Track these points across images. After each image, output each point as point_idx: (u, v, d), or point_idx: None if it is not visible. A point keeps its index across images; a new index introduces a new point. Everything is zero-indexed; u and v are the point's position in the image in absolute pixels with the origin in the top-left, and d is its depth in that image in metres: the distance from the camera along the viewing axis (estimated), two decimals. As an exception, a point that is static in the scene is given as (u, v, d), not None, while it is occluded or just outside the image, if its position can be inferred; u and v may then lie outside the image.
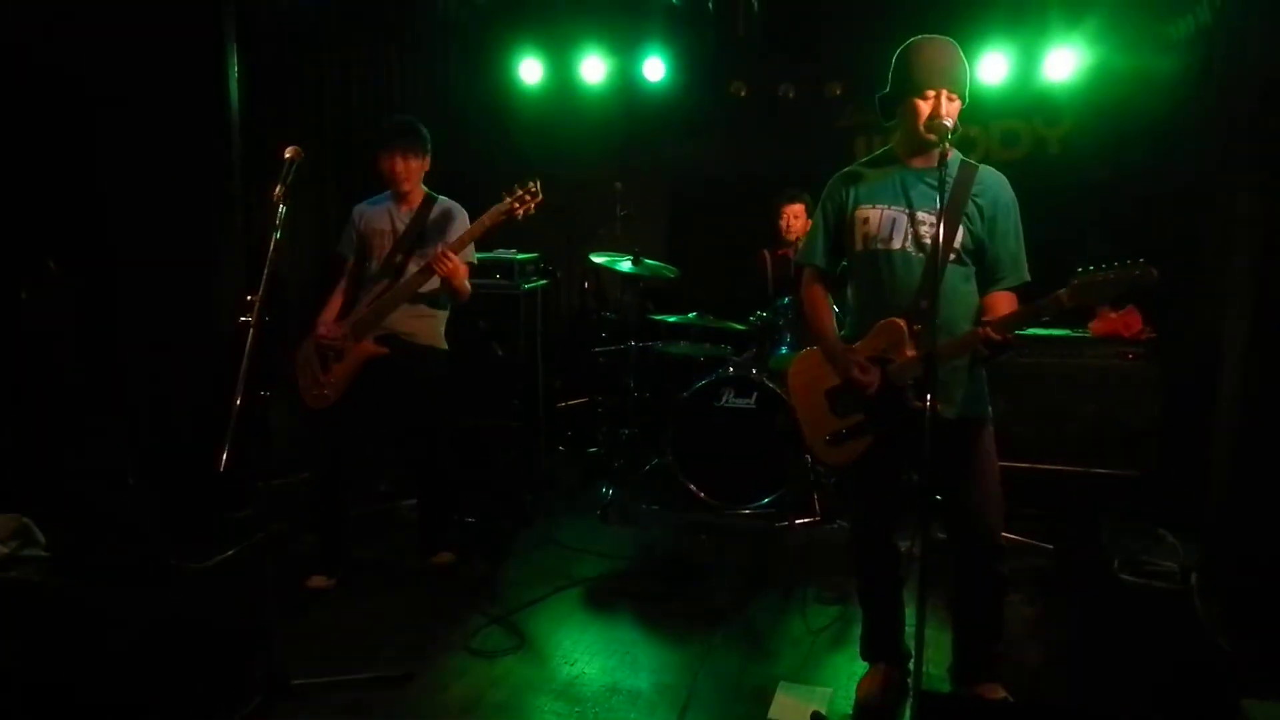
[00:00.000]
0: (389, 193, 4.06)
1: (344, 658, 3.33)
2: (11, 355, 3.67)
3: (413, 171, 3.99)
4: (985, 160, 2.93)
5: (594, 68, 6.09)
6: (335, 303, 4.04)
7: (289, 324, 4.66)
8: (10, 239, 3.65)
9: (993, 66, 5.36)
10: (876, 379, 2.80)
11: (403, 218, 4.02)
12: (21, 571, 3.27)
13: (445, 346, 4.08)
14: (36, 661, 2.45)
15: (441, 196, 4.08)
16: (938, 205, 2.61)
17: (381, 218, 4.03)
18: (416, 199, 4.06)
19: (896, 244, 2.80)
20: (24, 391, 3.70)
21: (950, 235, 2.76)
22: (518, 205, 3.75)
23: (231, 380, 2.71)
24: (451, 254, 3.77)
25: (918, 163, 2.82)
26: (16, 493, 3.51)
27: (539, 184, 3.75)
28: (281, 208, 2.95)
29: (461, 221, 4.02)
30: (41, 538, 3.42)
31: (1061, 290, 2.54)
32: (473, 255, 3.98)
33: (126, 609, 2.77)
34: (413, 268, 3.89)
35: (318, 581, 3.91)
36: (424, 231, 3.98)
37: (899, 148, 2.89)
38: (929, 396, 2.40)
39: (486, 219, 3.79)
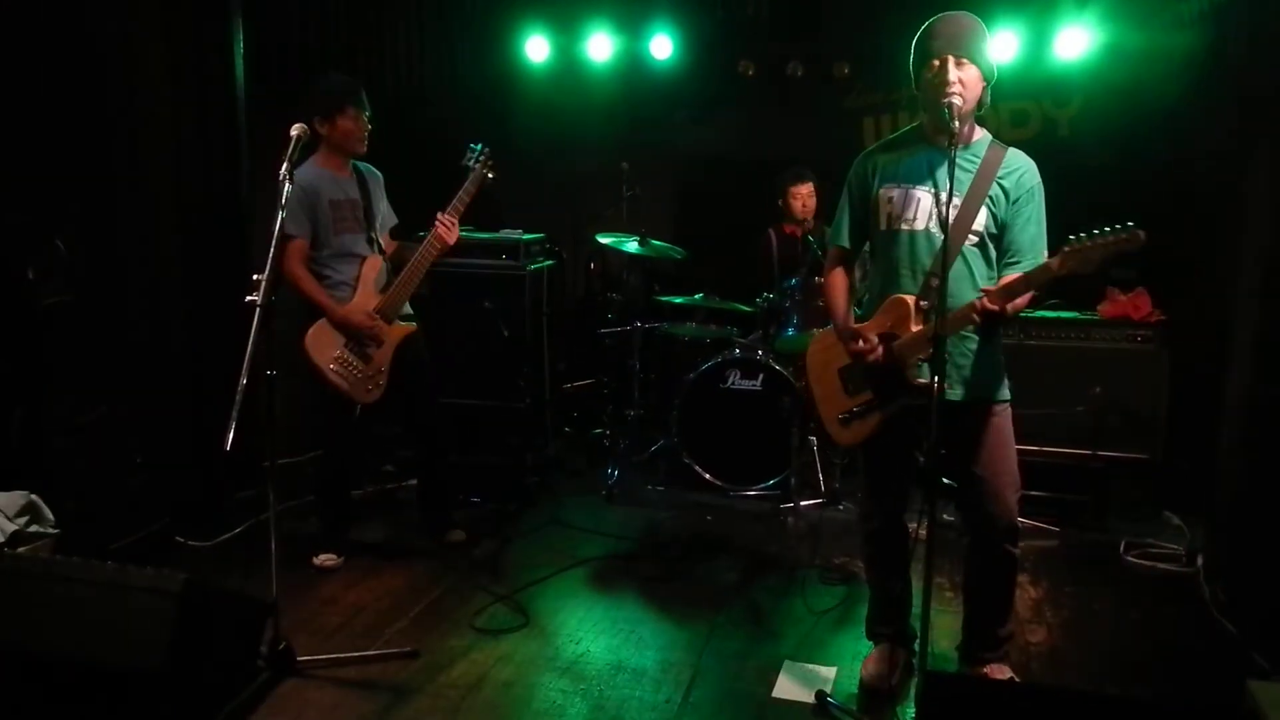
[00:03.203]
0: (317, 160, 3.77)
1: (349, 635, 3.35)
2: (19, 335, 3.68)
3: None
4: (994, 140, 2.90)
5: (601, 45, 6.04)
6: (319, 291, 3.74)
7: (293, 303, 4.65)
8: (18, 219, 3.65)
9: (1002, 45, 5.30)
10: (876, 346, 2.80)
11: (349, 186, 3.84)
12: (30, 548, 3.28)
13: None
14: (43, 636, 2.47)
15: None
16: (965, 185, 2.61)
17: (334, 189, 3.77)
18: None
19: (920, 224, 2.80)
20: (31, 370, 3.71)
21: (970, 216, 2.74)
22: (483, 168, 3.86)
23: (238, 360, 2.71)
24: (453, 219, 3.79)
25: (943, 140, 2.76)
26: (24, 470, 3.52)
27: (482, 148, 3.89)
28: (287, 186, 2.94)
29: (381, 178, 4.03)
30: (50, 515, 3.44)
31: (1052, 259, 2.55)
32: None
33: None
34: (383, 239, 3.91)
35: (326, 560, 3.92)
36: (372, 198, 3.91)
37: (925, 126, 2.87)
38: (934, 375, 2.40)
39: (473, 188, 3.86)
